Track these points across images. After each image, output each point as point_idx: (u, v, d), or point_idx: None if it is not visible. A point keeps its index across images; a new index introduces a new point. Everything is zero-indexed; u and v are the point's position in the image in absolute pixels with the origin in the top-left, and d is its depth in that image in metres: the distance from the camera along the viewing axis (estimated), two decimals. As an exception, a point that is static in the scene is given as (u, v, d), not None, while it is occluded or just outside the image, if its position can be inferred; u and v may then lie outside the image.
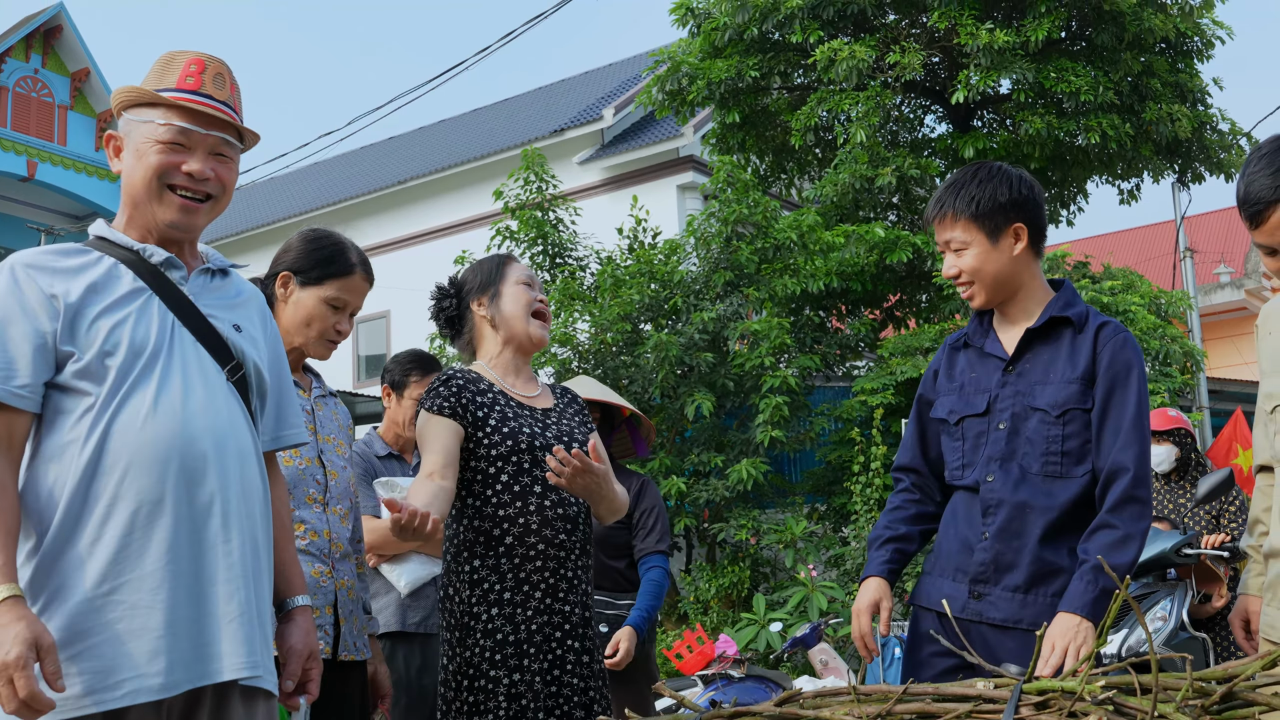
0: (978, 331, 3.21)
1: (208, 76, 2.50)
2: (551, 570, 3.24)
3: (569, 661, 3.25)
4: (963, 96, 12.18)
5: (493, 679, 3.15)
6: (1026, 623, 2.91)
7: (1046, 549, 2.94)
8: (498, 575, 3.21)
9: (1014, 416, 3.03)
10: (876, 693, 2.14)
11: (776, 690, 6.01)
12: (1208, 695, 1.93)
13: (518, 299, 3.43)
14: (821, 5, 12.61)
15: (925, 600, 3.11)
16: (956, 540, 3.07)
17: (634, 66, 22.39)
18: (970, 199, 3.06)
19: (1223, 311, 23.15)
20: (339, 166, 26.13)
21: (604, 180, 18.79)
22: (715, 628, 9.80)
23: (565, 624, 3.25)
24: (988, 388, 3.11)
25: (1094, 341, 3.02)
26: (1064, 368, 3.01)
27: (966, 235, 3.07)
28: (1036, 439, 2.99)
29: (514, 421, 3.28)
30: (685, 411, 10.47)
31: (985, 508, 3.02)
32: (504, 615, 3.19)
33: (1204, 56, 13.28)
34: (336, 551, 3.30)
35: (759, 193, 11.70)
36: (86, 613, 2.23)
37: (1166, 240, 22.16)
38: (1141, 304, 11.35)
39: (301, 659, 2.61)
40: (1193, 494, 6.48)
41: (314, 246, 3.35)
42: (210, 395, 2.41)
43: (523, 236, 12.04)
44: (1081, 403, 2.98)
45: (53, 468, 2.29)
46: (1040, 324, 3.07)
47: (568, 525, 3.27)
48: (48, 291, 2.32)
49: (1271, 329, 2.99)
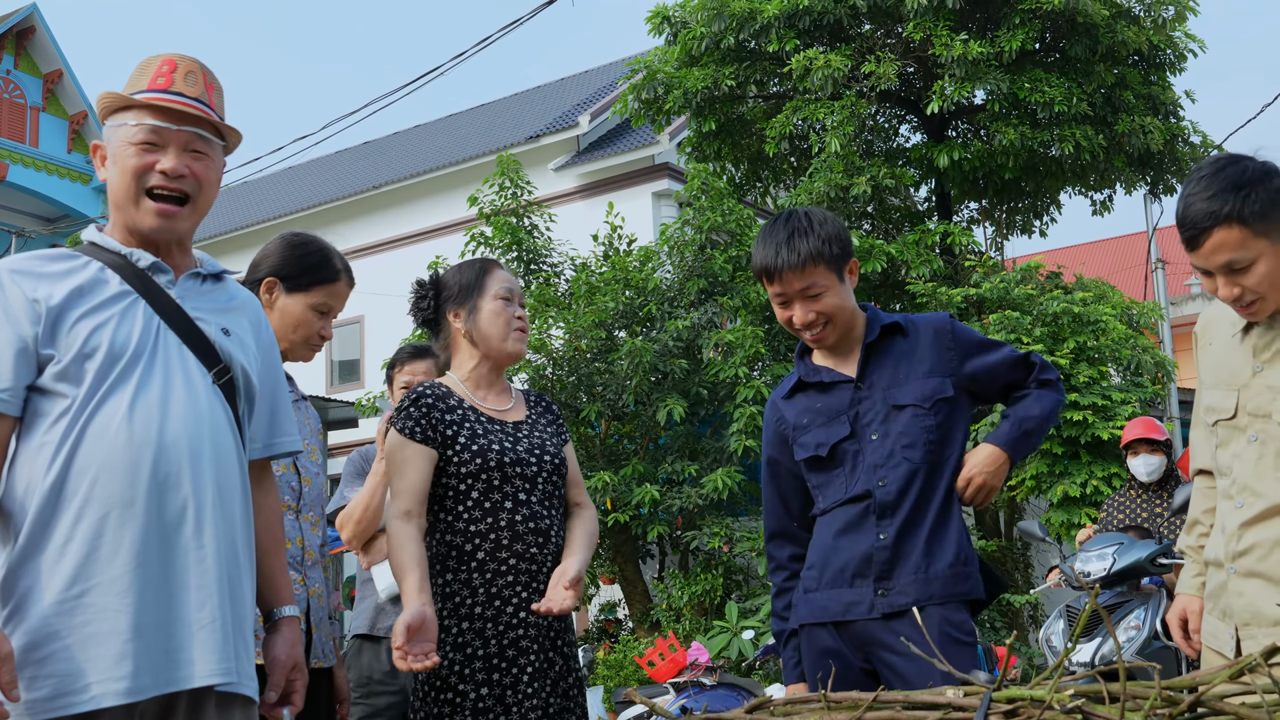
0: (810, 370, 3.29)
1: (179, 75, 2.50)
2: (524, 584, 3.23)
3: (542, 675, 3.23)
4: (937, 106, 12.24)
5: (460, 692, 3.14)
6: (938, 597, 3.01)
7: (938, 531, 3.07)
8: (469, 590, 3.21)
9: (884, 423, 3.14)
10: (847, 700, 2.14)
11: (748, 698, 6.02)
12: (1176, 704, 1.93)
13: (496, 316, 3.39)
14: (797, 15, 12.65)
15: (822, 615, 3.13)
16: (848, 551, 3.12)
17: (610, 73, 22.42)
18: (821, 241, 3.12)
19: (1194, 322, 23.19)
20: (314, 171, 26.06)
21: (579, 187, 18.80)
22: (688, 635, 9.80)
23: (540, 637, 3.24)
24: (843, 411, 3.19)
25: (933, 337, 3.20)
26: (910, 368, 3.17)
27: (825, 280, 3.13)
28: (912, 430, 3.11)
29: (484, 439, 3.27)
30: (657, 417, 10.47)
31: (882, 509, 3.09)
32: (474, 629, 3.19)
33: (1176, 69, 13.40)
34: (309, 559, 3.29)
35: (733, 201, 11.73)
36: (55, 615, 2.21)
37: (1138, 252, 22.31)
38: (1113, 315, 11.42)
39: (285, 670, 2.60)
40: (1169, 504, 6.53)
41: (300, 253, 3.34)
42: (192, 399, 2.39)
43: (497, 242, 12.03)
44: (944, 392, 3.13)
45: (27, 470, 2.28)
46: (875, 337, 3.20)
47: (539, 539, 3.27)
48: (30, 296, 2.32)
49: (1211, 339, 3.01)
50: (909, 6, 12.16)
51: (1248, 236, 2.64)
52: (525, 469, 3.28)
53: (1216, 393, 2.92)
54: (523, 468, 3.27)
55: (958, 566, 3.05)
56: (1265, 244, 2.66)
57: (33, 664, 2.18)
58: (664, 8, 13.75)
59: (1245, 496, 2.78)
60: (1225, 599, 2.81)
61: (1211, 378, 2.96)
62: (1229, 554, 2.79)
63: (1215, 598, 2.87)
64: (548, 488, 3.33)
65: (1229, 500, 2.84)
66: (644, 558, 11.82)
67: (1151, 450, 6.67)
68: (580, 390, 11.02)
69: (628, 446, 11.38)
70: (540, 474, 3.31)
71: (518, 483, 3.27)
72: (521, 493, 3.27)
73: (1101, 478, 10.38)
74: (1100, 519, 7.07)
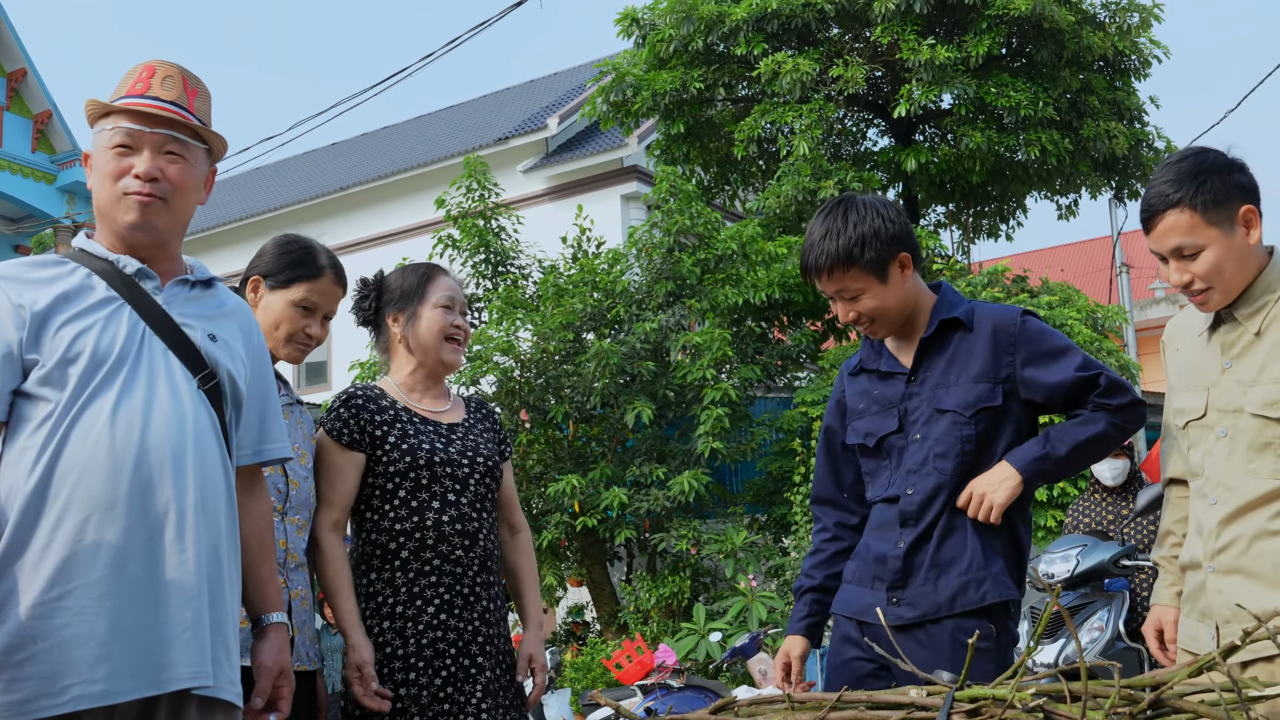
0: (872, 355, 3.22)
1: (156, 79, 2.53)
2: (447, 586, 3.22)
3: (467, 679, 3.21)
4: (904, 110, 12.29)
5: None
6: (945, 609, 2.95)
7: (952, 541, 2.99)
8: (391, 589, 3.21)
9: (926, 425, 3.05)
10: (810, 700, 2.15)
11: (715, 700, 6.02)
12: (1136, 703, 1.95)
13: (434, 325, 3.39)
14: (766, 18, 12.68)
15: (845, 609, 3.14)
16: (874, 551, 3.10)
17: (579, 76, 22.40)
18: (852, 243, 2.98)
19: (1158, 326, 23.48)
20: (281, 172, 25.92)
21: (548, 189, 18.77)
22: (655, 637, 9.80)
23: (459, 640, 3.22)
24: (895, 404, 3.12)
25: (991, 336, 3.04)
26: (962, 368, 3.04)
27: (859, 283, 3.03)
28: (947, 439, 3.01)
29: (414, 438, 3.26)
30: (625, 420, 10.47)
31: (904, 518, 3.05)
32: (394, 629, 3.18)
33: (1141, 75, 13.51)
34: (292, 561, 3.26)
35: (701, 204, 11.74)
36: (35, 618, 2.22)
37: (1103, 255, 22.48)
38: (1079, 318, 11.50)
39: (272, 676, 2.60)
40: (1133, 507, 6.58)
41: (283, 250, 3.36)
42: (176, 403, 2.40)
43: (465, 245, 12.00)
44: (990, 400, 3.00)
45: (10, 475, 2.29)
46: (932, 332, 3.08)
47: (465, 541, 3.25)
48: (15, 301, 2.35)
49: (1179, 345, 3.05)
50: (877, 11, 12.21)
51: (1198, 223, 2.73)
52: (456, 470, 3.26)
53: (1186, 395, 2.95)
54: (454, 468, 3.26)
55: (970, 574, 2.95)
56: (1216, 233, 2.73)
57: (11, 666, 2.19)
58: (633, 10, 13.76)
59: (1219, 493, 2.80)
60: (1204, 599, 2.83)
61: (1180, 382, 2.99)
62: (1208, 552, 2.81)
63: (1193, 599, 2.88)
64: (480, 490, 3.32)
65: (1203, 499, 2.86)
66: (612, 560, 11.81)
67: (1115, 454, 6.71)
68: (548, 392, 11.01)
69: (595, 449, 11.37)
70: (472, 476, 3.29)
71: (447, 483, 3.26)
72: (451, 494, 3.26)
73: (1068, 480, 10.44)
74: (1066, 522, 7.12)
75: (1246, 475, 2.75)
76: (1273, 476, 2.70)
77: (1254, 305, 2.80)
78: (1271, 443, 2.71)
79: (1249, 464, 2.75)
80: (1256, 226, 2.76)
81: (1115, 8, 13.19)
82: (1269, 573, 2.68)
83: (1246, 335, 2.81)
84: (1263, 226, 2.79)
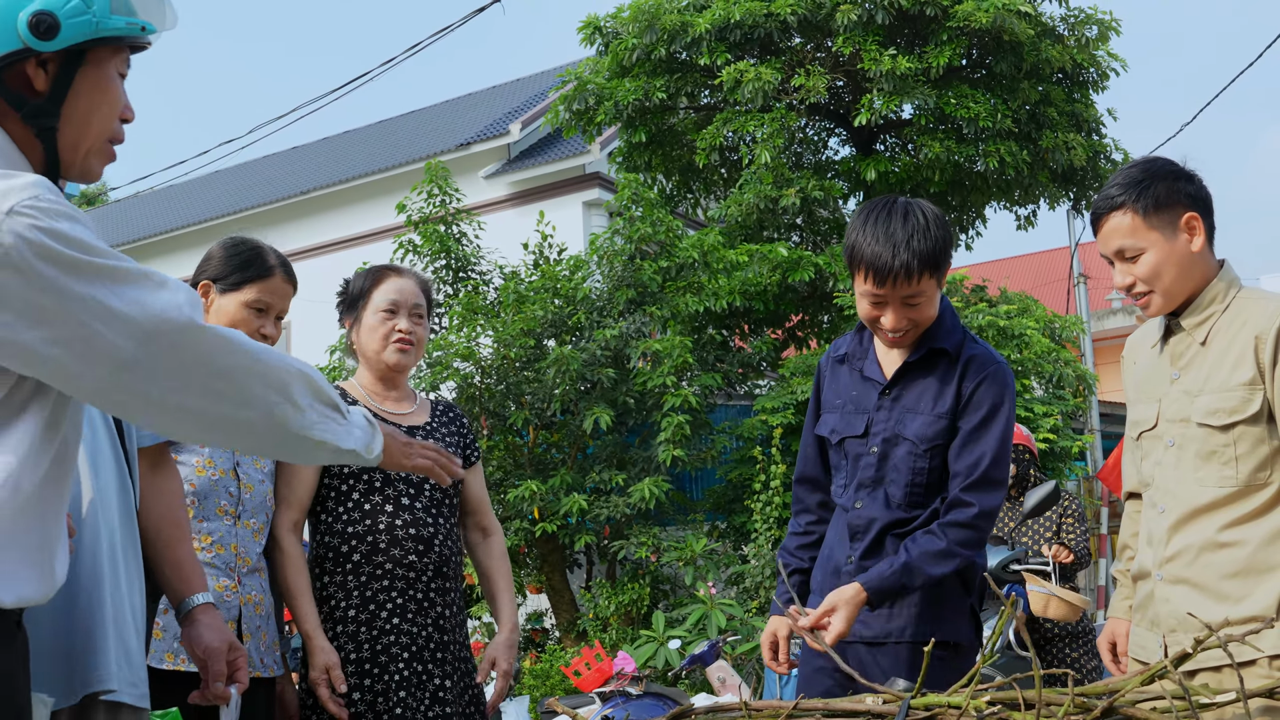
0: (858, 351, 3.22)
1: None
2: (400, 590, 3.20)
3: (419, 684, 3.19)
4: (865, 120, 12.35)
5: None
6: (895, 636, 2.97)
7: None
8: (344, 593, 3.19)
9: (885, 442, 3.07)
10: (767, 708, 2.16)
11: (674, 707, 6.02)
12: (1089, 710, 1.97)
13: (374, 331, 3.39)
14: (728, 28, 12.71)
15: None
16: (833, 560, 3.13)
17: (542, 82, 22.38)
18: (937, 246, 2.96)
19: (1115, 336, 23.74)
20: (240, 175, 25.74)
21: (510, 195, 18.75)
22: (614, 645, 9.79)
23: (413, 645, 3.20)
24: (867, 409, 3.13)
25: (960, 375, 3.05)
26: (933, 400, 3.05)
27: (931, 290, 3.01)
28: (902, 468, 3.04)
29: None
30: (585, 426, 10.46)
31: (853, 532, 3.08)
32: (346, 633, 3.16)
33: (1099, 88, 13.62)
34: (244, 566, 3.23)
35: (663, 211, 11.75)
36: None
37: (1061, 266, 22.68)
38: (1036, 328, 11.58)
39: (222, 656, 2.55)
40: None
41: (232, 253, 3.34)
42: None
43: (426, 250, 11.96)
44: (947, 438, 3.03)
45: None
46: (916, 358, 3.09)
47: (420, 546, 3.23)
48: None
49: (1136, 359, 3.11)
50: (839, 21, 12.27)
51: (1139, 226, 2.81)
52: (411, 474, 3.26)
53: (1139, 406, 3.00)
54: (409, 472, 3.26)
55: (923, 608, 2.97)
56: (1157, 237, 2.81)
57: None
58: (596, 18, 13.76)
59: (1167, 501, 2.85)
60: (1153, 608, 2.87)
61: (1136, 394, 3.05)
62: (1157, 561, 2.85)
63: (1143, 608, 2.93)
64: (436, 495, 3.29)
65: (1153, 508, 2.91)
66: (571, 567, 11.79)
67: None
68: (509, 399, 10.98)
69: (555, 455, 11.35)
70: (428, 480, 3.27)
71: (401, 486, 3.24)
72: (405, 497, 3.24)
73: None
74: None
75: (1194, 483, 2.79)
76: (1218, 485, 2.75)
77: (1201, 315, 2.86)
78: (1217, 451, 2.76)
79: (1196, 472, 2.80)
80: (1199, 234, 2.83)
81: (1074, 21, 13.31)
82: (1213, 585, 2.73)
83: (1194, 345, 2.86)
84: (1206, 236, 2.86)
